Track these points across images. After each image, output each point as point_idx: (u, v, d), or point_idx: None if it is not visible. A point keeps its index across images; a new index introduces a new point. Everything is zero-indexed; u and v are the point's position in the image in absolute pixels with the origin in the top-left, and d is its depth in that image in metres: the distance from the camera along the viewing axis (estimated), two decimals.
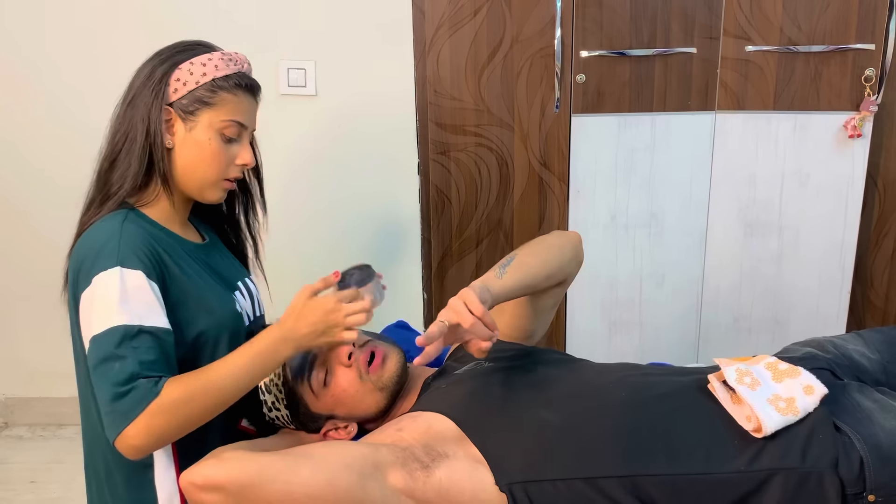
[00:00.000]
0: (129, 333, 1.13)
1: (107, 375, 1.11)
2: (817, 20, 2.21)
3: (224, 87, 1.28)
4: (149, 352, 1.13)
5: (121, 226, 1.23)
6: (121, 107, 1.32)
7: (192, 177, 1.30)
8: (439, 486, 1.17)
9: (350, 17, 2.32)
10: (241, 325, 1.38)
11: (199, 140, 1.28)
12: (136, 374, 1.11)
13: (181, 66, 1.28)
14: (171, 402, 1.11)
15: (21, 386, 2.62)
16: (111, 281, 1.16)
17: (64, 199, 2.41)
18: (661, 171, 2.36)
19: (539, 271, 1.40)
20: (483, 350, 1.22)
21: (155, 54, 1.32)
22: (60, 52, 2.35)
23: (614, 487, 1.15)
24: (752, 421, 1.18)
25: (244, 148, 1.33)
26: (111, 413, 1.11)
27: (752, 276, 2.42)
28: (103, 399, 1.12)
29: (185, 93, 1.27)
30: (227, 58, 1.30)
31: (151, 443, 1.12)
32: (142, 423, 1.09)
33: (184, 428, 1.15)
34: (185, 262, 1.29)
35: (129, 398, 1.10)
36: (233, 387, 1.17)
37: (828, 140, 2.28)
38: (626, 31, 2.26)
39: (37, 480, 2.32)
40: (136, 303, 1.16)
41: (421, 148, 2.40)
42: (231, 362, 1.19)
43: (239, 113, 1.30)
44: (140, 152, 1.27)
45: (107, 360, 1.12)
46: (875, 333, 1.48)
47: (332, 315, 1.20)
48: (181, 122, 1.28)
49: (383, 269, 2.53)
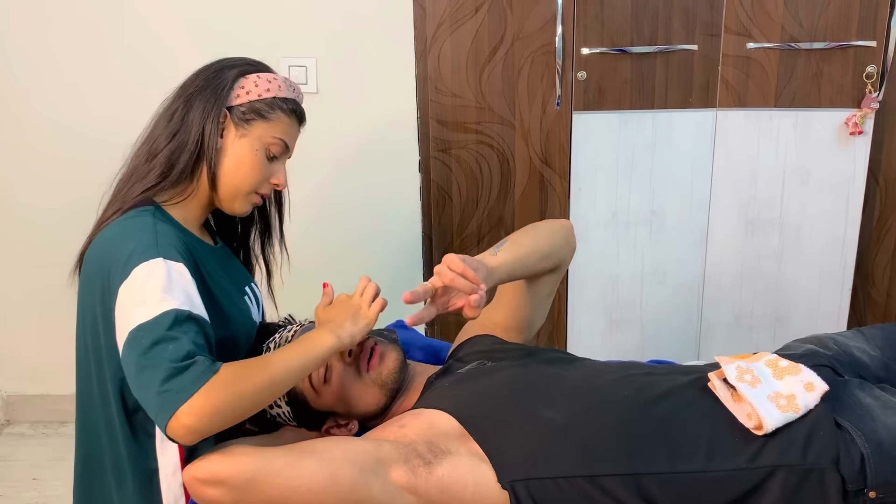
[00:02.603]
0: (180, 317, 1.10)
1: (160, 356, 1.06)
2: (818, 17, 2.21)
3: (282, 107, 1.34)
4: (199, 336, 1.12)
5: (153, 222, 1.23)
6: (172, 103, 1.33)
7: (229, 182, 1.32)
8: (441, 483, 1.17)
9: (351, 15, 2.32)
10: (254, 332, 1.39)
11: (246, 148, 1.31)
12: (193, 353, 1.08)
13: (248, 76, 1.33)
14: (229, 380, 1.07)
15: (23, 383, 2.62)
16: (156, 270, 1.14)
17: (66, 197, 2.42)
18: (662, 169, 2.36)
19: (532, 251, 1.43)
20: (473, 306, 1.25)
21: (219, 61, 1.36)
22: (60, 50, 2.35)
23: (616, 485, 1.16)
24: (752, 418, 1.18)
25: (281, 170, 1.37)
26: (165, 393, 1.04)
27: (754, 273, 2.42)
28: (156, 380, 1.05)
29: (246, 101, 1.31)
30: (289, 84, 1.37)
31: (206, 422, 1.05)
32: (199, 399, 1.04)
33: (236, 411, 1.09)
34: (210, 267, 1.31)
35: (189, 373, 1.05)
36: (284, 372, 1.15)
37: (829, 137, 2.28)
38: (628, 29, 2.26)
39: (39, 478, 2.32)
40: (182, 291, 1.14)
41: (422, 145, 2.40)
42: (279, 353, 1.19)
43: (288, 135, 1.36)
44: (192, 147, 1.29)
45: (159, 342, 1.07)
46: (876, 330, 1.48)
47: (352, 300, 1.29)
48: (234, 127, 1.31)
49: (384, 266, 2.56)
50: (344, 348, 1.23)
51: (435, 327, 2.55)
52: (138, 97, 2.27)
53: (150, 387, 1.06)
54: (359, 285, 1.31)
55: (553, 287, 1.57)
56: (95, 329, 1.22)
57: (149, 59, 2.33)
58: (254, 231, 1.52)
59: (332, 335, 1.22)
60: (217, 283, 1.31)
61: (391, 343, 1.43)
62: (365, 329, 1.26)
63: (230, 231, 1.51)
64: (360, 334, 1.25)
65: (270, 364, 1.15)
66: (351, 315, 1.26)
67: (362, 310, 1.27)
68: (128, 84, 2.36)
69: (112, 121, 2.34)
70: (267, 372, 1.13)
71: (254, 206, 1.38)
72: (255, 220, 1.51)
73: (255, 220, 1.51)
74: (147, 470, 1.25)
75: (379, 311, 1.28)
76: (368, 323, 1.26)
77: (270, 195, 1.43)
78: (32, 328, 2.55)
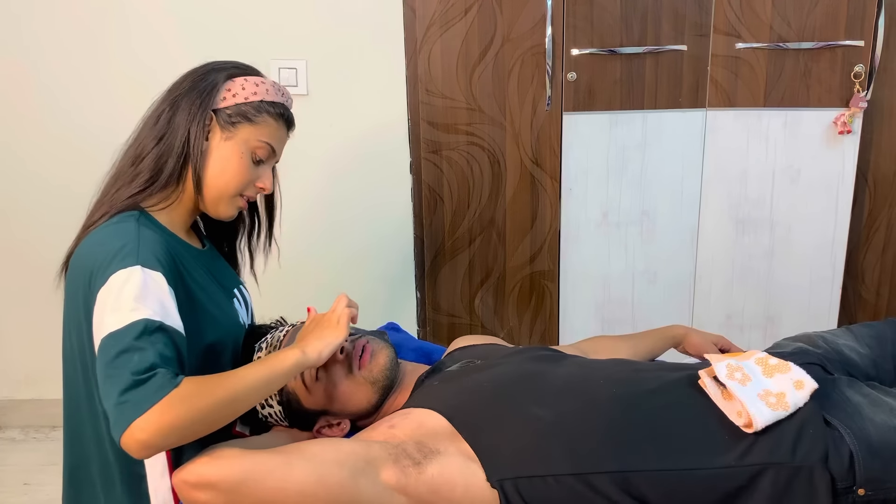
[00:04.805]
0: (149, 328, 1.09)
1: (124, 366, 1.05)
2: (807, 17, 2.22)
3: (269, 111, 1.33)
4: (167, 348, 1.10)
5: (137, 228, 1.22)
6: (159, 105, 1.33)
7: (214, 185, 1.31)
8: (431, 482, 1.17)
9: (341, 16, 2.32)
10: (241, 336, 1.39)
11: (231, 151, 1.31)
12: (156, 365, 1.06)
13: (235, 79, 1.32)
14: (187, 394, 1.04)
15: (13, 388, 2.61)
16: (132, 278, 1.13)
17: (56, 200, 2.42)
18: (652, 169, 2.37)
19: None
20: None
21: (207, 64, 1.35)
22: (53, 51, 2.35)
23: (605, 483, 1.16)
24: (742, 416, 1.18)
25: (267, 173, 1.36)
26: (123, 404, 1.03)
27: (744, 272, 2.43)
28: (116, 390, 1.04)
29: (233, 104, 1.31)
30: (277, 88, 1.36)
31: (159, 438, 1.03)
32: (154, 414, 1.02)
33: (194, 427, 1.07)
34: (195, 272, 1.30)
35: (147, 386, 1.03)
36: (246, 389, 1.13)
37: (818, 136, 2.29)
38: (617, 29, 2.26)
39: (30, 482, 2.31)
40: (156, 301, 1.13)
41: (413, 147, 2.40)
42: (244, 368, 1.17)
43: (275, 138, 1.35)
44: (179, 151, 1.28)
45: (125, 352, 1.06)
46: (865, 328, 1.49)
47: (325, 316, 1.28)
48: (220, 130, 1.30)
49: (376, 268, 2.56)
50: (310, 364, 1.22)
51: (427, 329, 2.55)
52: (125, 97, 2.28)
53: (110, 396, 1.05)
54: (334, 303, 1.31)
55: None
56: (80, 334, 1.22)
57: (138, 60, 2.33)
58: (241, 232, 1.51)
59: (297, 350, 1.20)
60: (203, 288, 1.30)
61: (382, 342, 1.43)
62: (332, 344, 1.24)
63: (218, 232, 1.50)
64: (326, 349, 1.23)
65: (233, 380, 1.12)
66: (320, 331, 1.25)
67: (331, 324, 1.26)
68: (115, 84, 2.35)
69: (102, 122, 2.34)
70: (229, 388, 1.11)
71: (239, 209, 1.37)
72: (244, 221, 1.50)
73: (243, 221, 1.50)
74: (135, 474, 1.24)
75: (347, 322, 1.26)
76: (336, 336, 1.24)
77: (257, 199, 1.43)
78: (22, 332, 2.54)
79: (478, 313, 2.52)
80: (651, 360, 1.66)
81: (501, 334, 2.52)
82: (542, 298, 2.50)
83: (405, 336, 1.85)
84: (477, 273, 2.48)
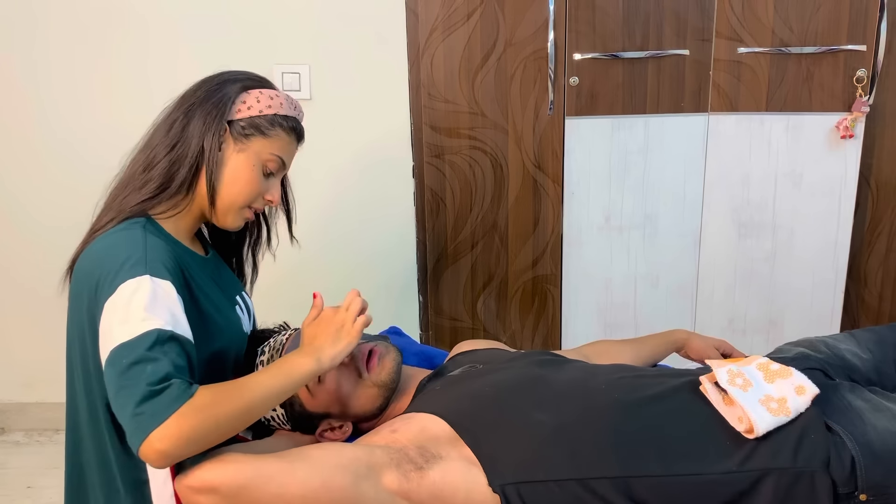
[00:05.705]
0: (161, 338, 1.09)
1: (138, 377, 1.05)
2: (809, 21, 2.22)
3: (282, 124, 1.33)
4: (180, 357, 1.10)
5: (144, 236, 1.21)
6: (171, 113, 1.32)
7: (224, 196, 1.31)
8: (433, 488, 1.17)
9: (344, 21, 2.32)
10: (244, 344, 1.39)
11: (243, 164, 1.31)
12: (171, 375, 1.06)
13: (251, 92, 1.32)
14: (203, 404, 1.05)
15: (17, 391, 2.62)
16: (141, 288, 1.12)
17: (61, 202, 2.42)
18: (654, 173, 2.37)
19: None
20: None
21: (221, 73, 1.35)
22: (53, 56, 2.36)
23: (607, 488, 1.16)
24: (743, 422, 1.18)
25: (276, 186, 1.37)
26: (139, 416, 1.03)
27: (747, 276, 2.43)
28: (131, 401, 1.04)
29: (247, 117, 1.31)
30: (290, 101, 1.36)
31: (178, 448, 1.04)
32: (172, 424, 1.02)
33: (210, 436, 1.07)
34: (201, 280, 1.30)
35: (163, 397, 1.03)
36: (262, 397, 1.13)
37: (820, 141, 2.29)
38: (619, 34, 2.26)
39: (33, 486, 2.32)
40: (166, 310, 1.12)
41: (415, 151, 2.41)
42: (257, 375, 1.17)
43: (285, 152, 1.36)
44: (191, 160, 1.28)
45: (138, 362, 1.06)
46: (867, 333, 1.49)
47: (337, 316, 1.25)
48: (232, 142, 1.31)
49: (378, 272, 2.56)
50: (324, 371, 1.22)
51: (430, 333, 2.55)
52: (130, 103, 2.29)
53: (125, 408, 1.05)
54: (345, 299, 1.28)
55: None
56: (84, 341, 1.22)
57: (141, 64, 2.34)
58: (247, 241, 1.52)
59: (312, 359, 1.20)
60: (207, 296, 1.30)
61: (389, 344, 1.43)
62: (346, 349, 1.23)
63: (223, 240, 1.50)
64: (340, 356, 1.23)
65: (248, 389, 1.13)
66: (333, 333, 1.23)
67: (345, 327, 1.24)
68: (119, 87, 2.36)
69: (108, 124, 2.35)
70: (244, 397, 1.11)
71: (246, 220, 1.37)
72: (250, 230, 1.50)
73: (249, 229, 1.50)
74: (137, 480, 1.24)
75: (362, 328, 1.25)
76: (350, 342, 1.23)
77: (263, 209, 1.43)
78: (27, 335, 2.55)
79: (480, 317, 2.53)
80: (653, 365, 1.66)
81: (504, 338, 2.52)
82: (544, 302, 2.50)
83: (407, 340, 1.85)
84: (479, 277, 2.49)
